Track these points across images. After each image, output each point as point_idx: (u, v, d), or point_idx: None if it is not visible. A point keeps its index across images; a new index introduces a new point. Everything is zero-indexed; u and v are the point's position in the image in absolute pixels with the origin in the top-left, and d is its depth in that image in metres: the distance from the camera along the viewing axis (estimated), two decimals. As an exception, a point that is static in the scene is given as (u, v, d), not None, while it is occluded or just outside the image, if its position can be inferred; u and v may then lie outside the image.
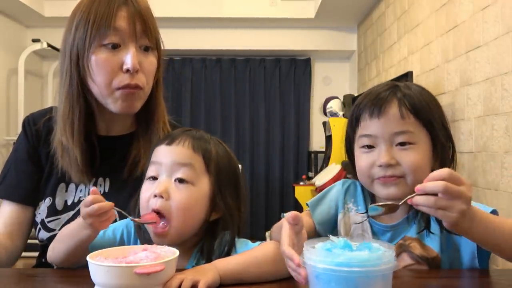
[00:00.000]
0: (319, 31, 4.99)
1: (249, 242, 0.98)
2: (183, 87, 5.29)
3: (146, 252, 0.80)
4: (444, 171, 0.74)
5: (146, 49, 1.10)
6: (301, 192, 4.26)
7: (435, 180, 0.73)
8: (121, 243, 0.99)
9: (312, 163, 5.15)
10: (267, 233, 4.19)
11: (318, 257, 0.67)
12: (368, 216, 1.03)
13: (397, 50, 3.63)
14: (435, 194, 0.74)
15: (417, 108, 0.95)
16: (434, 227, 0.97)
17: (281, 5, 4.70)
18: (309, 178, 4.70)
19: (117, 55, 1.05)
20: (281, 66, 5.32)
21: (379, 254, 0.67)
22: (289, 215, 0.78)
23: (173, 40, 4.86)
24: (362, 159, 0.98)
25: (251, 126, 5.31)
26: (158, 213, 0.90)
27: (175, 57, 5.27)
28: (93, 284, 0.76)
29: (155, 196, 0.90)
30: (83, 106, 1.09)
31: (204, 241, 0.95)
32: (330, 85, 5.30)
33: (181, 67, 5.31)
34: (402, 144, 0.94)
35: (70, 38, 1.07)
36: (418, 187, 0.75)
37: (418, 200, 0.75)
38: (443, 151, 0.98)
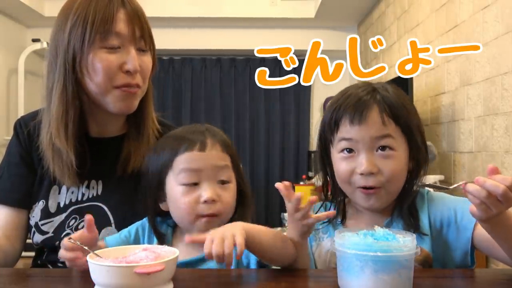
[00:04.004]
0: (319, 31, 4.98)
1: None
2: (183, 87, 5.28)
3: (146, 252, 0.80)
4: (509, 180, 0.74)
5: (142, 49, 1.10)
6: (301, 192, 4.26)
7: (498, 182, 0.74)
8: (136, 238, 1.03)
9: (312, 163, 5.15)
10: (267, 233, 4.18)
11: (358, 244, 0.75)
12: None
13: (397, 50, 3.63)
14: None
15: (397, 114, 0.96)
16: (426, 228, 0.97)
17: (281, 5, 4.69)
18: (309, 178, 4.70)
19: (117, 56, 1.05)
20: (281, 66, 5.30)
21: (412, 241, 0.76)
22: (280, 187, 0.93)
23: (173, 40, 4.86)
24: (342, 165, 0.98)
25: (251, 126, 5.30)
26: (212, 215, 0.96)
27: (175, 57, 5.26)
28: (93, 284, 0.76)
29: (206, 201, 0.95)
30: (77, 108, 1.08)
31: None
32: (330, 85, 5.30)
33: (181, 67, 5.30)
34: (383, 148, 0.95)
35: (64, 38, 1.05)
36: (479, 179, 0.75)
37: (470, 189, 0.76)
38: (418, 153, 0.99)
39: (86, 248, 0.90)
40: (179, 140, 1.00)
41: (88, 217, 0.89)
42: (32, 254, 1.17)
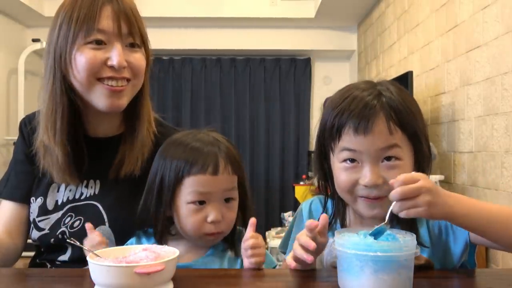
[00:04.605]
0: (319, 31, 4.99)
1: None
2: (183, 87, 5.28)
3: (146, 252, 0.80)
4: (398, 179, 0.76)
5: (132, 45, 1.08)
6: (301, 192, 4.26)
7: (394, 189, 0.76)
8: None
9: (312, 163, 5.15)
10: (267, 233, 4.18)
11: (358, 244, 0.74)
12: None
13: (397, 50, 3.63)
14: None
15: (404, 122, 0.90)
16: (425, 238, 0.96)
17: (281, 5, 4.69)
18: (309, 178, 4.70)
19: (101, 52, 1.04)
20: (281, 66, 5.31)
21: (412, 241, 0.76)
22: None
23: (173, 40, 4.86)
24: (344, 176, 0.92)
25: (251, 126, 5.30)
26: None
27: (175, 57, 5.26)
28: (93, 284, 0.76)
29: (212, 222, 0.98)
30: (66, 104, 1.07)
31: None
32: (330, 85, 5.30)
33: (181, 67, 5.30)
34: (388, 158, 0.90)
35: (54, 37, 1.06)
36: (389, 197, 0.77)
37: (393, 210, 0.78)
38: (422, 159, 0.95)
39: (86, 248, 0.90)
40: (193, 156, 0.99)
41: (88, 225, 0.98)
42: (32, 254, 1.18)
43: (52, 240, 1.10)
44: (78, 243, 0.89)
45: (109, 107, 1.07)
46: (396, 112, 0.90)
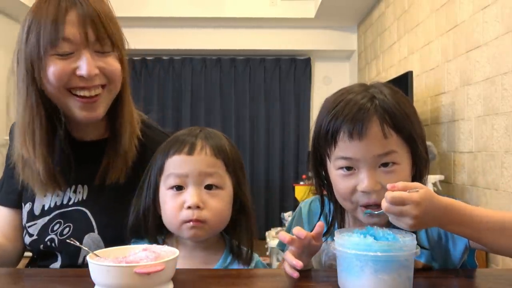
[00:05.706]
0: (319, 31, 4.99)
1: None
2: (183, 87, 5.28)
3: (146, 252, 0.80)
4: (387, 197, 0.76)
5: (103, 51, 1.03)
6: (301, 192, 4.26)
7: (384, 203, 0.77)
8: None
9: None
10: (267, 233, 4.18)
11: (360, 245, 0.75)
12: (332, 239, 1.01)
13: (397, 50, 3.63)
14: None
15: (399, 125, 0.89)
16: (423, 240, 0.96)
17: (281, 5, 4.70)
18: (309, 178, 4.69)
19: (69, 62, 0.99)
20: (281, 66, 5.31)
21: (412, 241, 0.76)
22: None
23: (173, 40, 4.87)
24: (342, 183, 0.92)
25: (251, 126, 5.31)
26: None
27: (175, 57, 5.27)
28: (93, 284, 0.76)
29: (189, 207, 0.92)
30: (43, 115, 1.03)
31: (230, 240, 1.01)
32: (330, 85, 5.30)
33: (181, 67, 5.30)
34: (385, 164, 0.89)
35: (22, 44, 1.01)
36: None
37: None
38: (420, 162, 0.94)
39: (85, 248, 0.90)
40: (171, 143, 0.98)
41: None
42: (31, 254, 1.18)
43: (42, 246, 1.08)
44: (77, 243, 0.89)
45: (85, 119, 1.04)
46: (390, 115, 0.89)
